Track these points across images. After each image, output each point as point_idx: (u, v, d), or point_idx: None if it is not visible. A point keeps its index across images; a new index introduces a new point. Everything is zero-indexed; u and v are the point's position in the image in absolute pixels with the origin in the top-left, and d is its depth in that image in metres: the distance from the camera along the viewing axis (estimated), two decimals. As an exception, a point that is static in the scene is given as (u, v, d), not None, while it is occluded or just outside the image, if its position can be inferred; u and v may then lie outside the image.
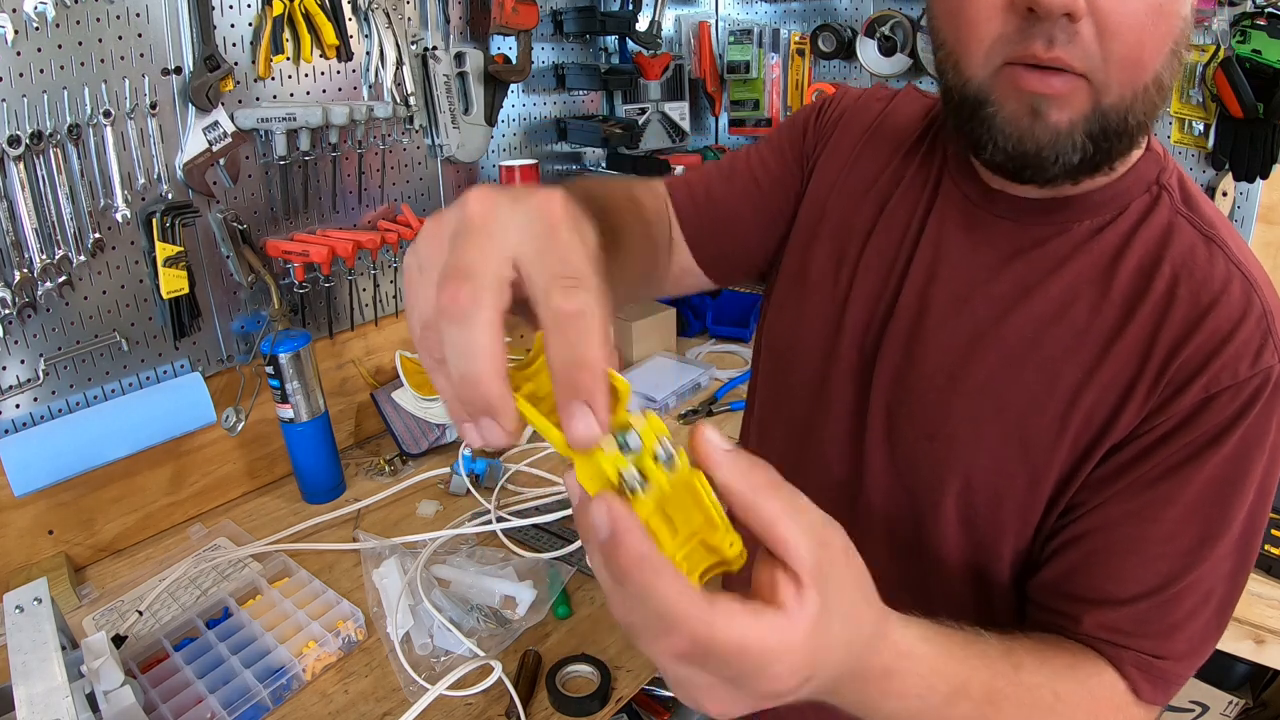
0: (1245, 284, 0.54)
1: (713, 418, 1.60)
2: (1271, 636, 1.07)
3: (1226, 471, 0.54)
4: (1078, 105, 0.50)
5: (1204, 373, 0.53)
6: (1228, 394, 0.52)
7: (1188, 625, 0.56)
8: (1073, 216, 0.58)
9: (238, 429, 1.28)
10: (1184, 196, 0.58)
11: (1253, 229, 1.49)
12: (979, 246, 0.61)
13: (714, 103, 2.02)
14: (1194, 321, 0.54)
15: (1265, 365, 0.52)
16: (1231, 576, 0.57)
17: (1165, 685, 0.57)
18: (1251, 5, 1.34)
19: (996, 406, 0.59)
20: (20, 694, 0.73)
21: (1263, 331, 0.53)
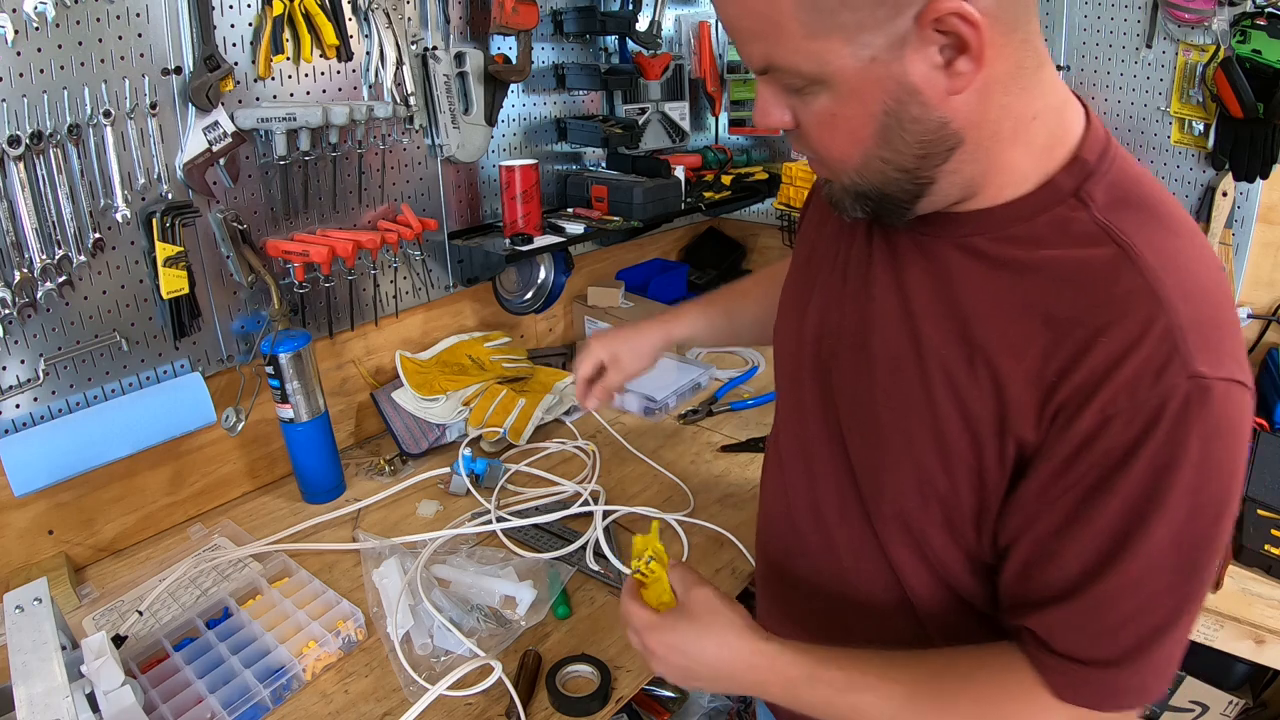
0: (1152, 297, 0.54)
1: (713, 417, 1.60)
2: (1271, 636, 1.07)
3: (1140, 491, 0.55)
4: (835, 181, 0.64)
5: (1098, 395, 0.54)
6: (1124, 416, 0.54)
7: (1119, 634, 0.58)
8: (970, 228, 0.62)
9: (238, 429, 1.28)
10: (1109, 205, 0.58)
11: (1252, 229, 1.49)
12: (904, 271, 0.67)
13: (714, 103, 2.02)
14: (1087, 343, 0.55)
15: (1168, 385, 0.53)
16: (1171, 594, 0.57)
17: (1090, 689, 0.60)
18: (1251, 5, 1.34)
19: (917, 421, 0.64)
20: (20, 694, 0.73)
21: (1166, 351, 0.53)
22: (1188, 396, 0.52)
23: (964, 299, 0.62)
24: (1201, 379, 0.53)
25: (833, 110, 0.57)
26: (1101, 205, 0.58)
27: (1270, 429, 1.38)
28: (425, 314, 1.61)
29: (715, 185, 1.86)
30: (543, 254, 1.71)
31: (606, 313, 1.85)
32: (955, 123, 0.56)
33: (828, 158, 0.61)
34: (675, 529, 1.23)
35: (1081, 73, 1.58)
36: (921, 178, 0.59)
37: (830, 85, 0.55)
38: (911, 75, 0.53)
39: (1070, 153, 0.60)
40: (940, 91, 0.54)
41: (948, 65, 0.53)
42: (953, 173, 0.59)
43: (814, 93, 0.56)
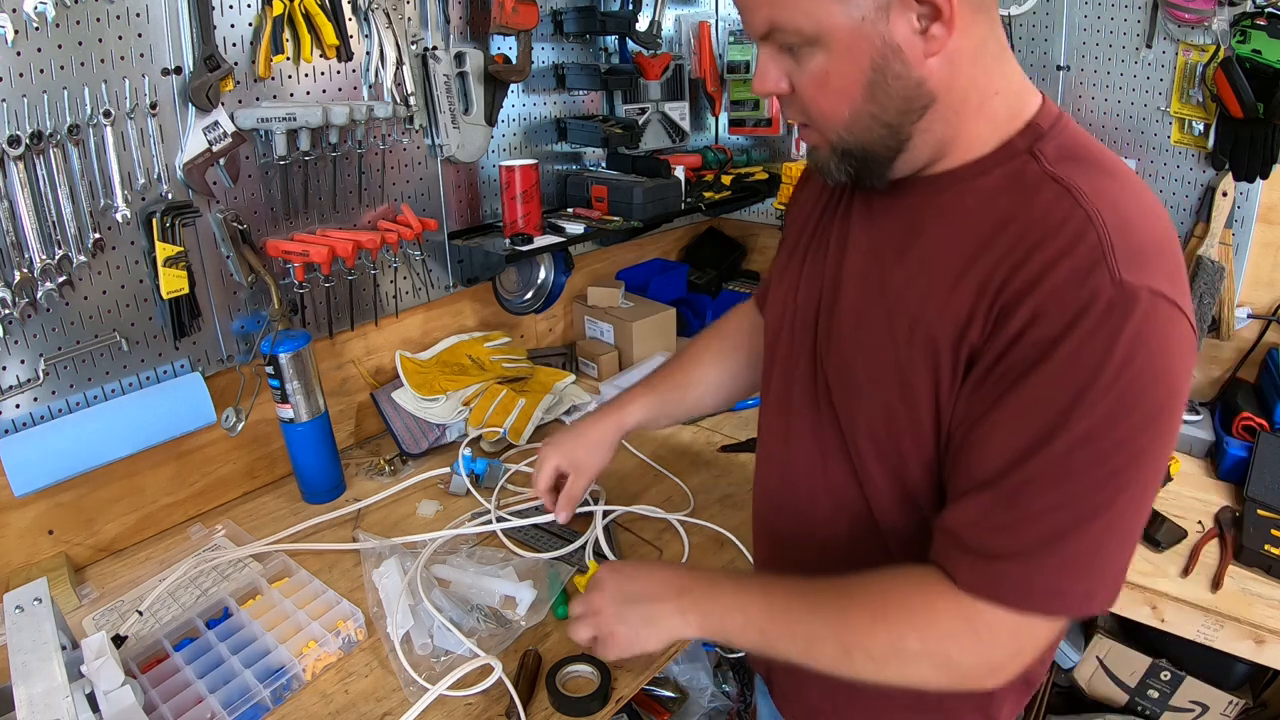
0: (1084, 218, 0.60)
1: (713, 417, 1.60)
2: (1271, 636, 1.07)
3: (1054, 381, 0.59)
4: (822, 144, 0.71)
5: (1031, 296, 0.60)
6: (1053, 314, 0.59)
7: (1029, 528, 0.61)
8: (934, 191, 0.70)
9: (238, 429, 1.28)
10: (1058, 158, 0.65)
11: (1252, 229, 1.49)
12: (874, 224, 0.75)
13: (714, 103, 2.02)
14: (1025, 254, 0.61)
15: (1093, 286, 0.58)
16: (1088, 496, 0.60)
17: (996, 582, 0.63)
18: (1251, 5, 1.34)
19: (880, 358, 0.70)
20: (20, 694, 0.73)
21: (1093, 259, 0.58)
22: (1112, 299, 0.57)
23: (927, 244, 0.69)
24: (1126, 285, 0.57)
25: (826, 68, 0.64)
26: (1051, 159, 0.65)
27: (1270, 429, 1.38)
28: (425, 314, 1.61)
29: (715, 185, 1.86)
30: (543, 254, 1.71)
31: (606, 312, 1.85)
32: (930, 82, 0.64)
33: (820, 114, 0.68)
34: (676, 528, 1.23)
35: (1081, 73, 1.57)
36: (902, 134, 0.66)
37: (825, 44, 0.63)
38: (895, 35, 0.61)
39: (1025, 122, 0.68)
40: (918, 53, 0.62)
41: (924, 31, 0.61)
42: (926, 131, 0.67)
43: (810, 54, 0.64)
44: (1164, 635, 1.17)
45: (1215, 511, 1.31)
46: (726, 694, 1.62)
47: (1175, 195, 1.53)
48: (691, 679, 1.59)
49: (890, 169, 0.70)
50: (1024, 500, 0.62)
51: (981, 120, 0.67)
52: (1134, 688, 1.43)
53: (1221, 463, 1.40)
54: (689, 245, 2.26)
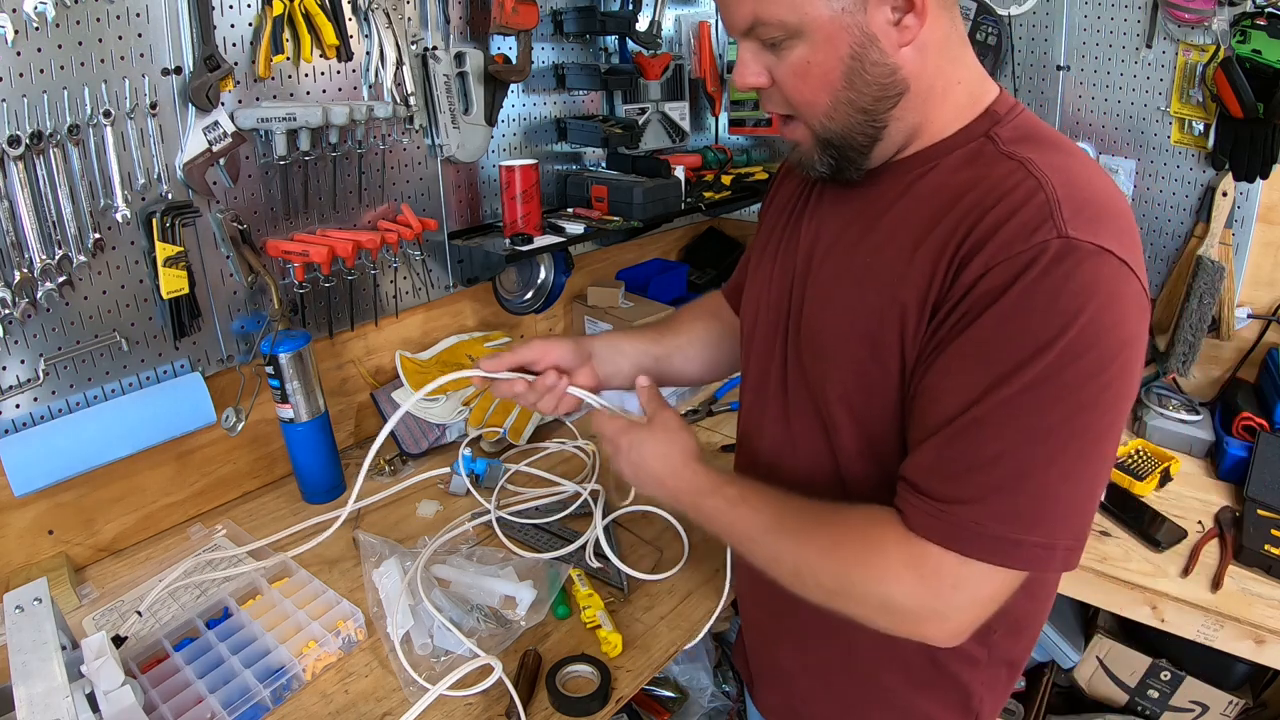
0: (1034, 184, 0.64)
1: (713, 417, 1.60)
2: (1271, 636, 1.07)
3: (1005, 323, 0.61)
4: (804, 136, 0.74)
5: (983, 251, 0.63)
6: (1002, 266, 0.62)
7: (977, 474, 0.63)
8: (896, 176, 0.74)
9: (238, 429, 1.28)
10: (1013, 140, 0.69)
11: (1252, 229, 1.49)
12: (841, 214, 0.79)
13: (714, 103, 2.02)
14: (979, 215, 0.65)
15: (1040, 239, 0.61)
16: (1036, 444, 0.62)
17: (943, 525, 0.64)
18: (1251, 5, 1.34)
19: (849, 319, 0.74)
20: (20, 694, 0.73)
21: (1041, 216, 0.62)
22: (1058, 251, 0.60)
23: (892, 218, 0.72)
24: (1073, 239, 0.61)
25: (808, 58, 0.67)
26: (1005, 140, 0.69)
27: (1270, 429, 1.38)
28: (425, 314, 1.61)
29: (715, 185, 1.86)
30: (543, 254, 1.71)
31: (606, 313, 1.85)
32: (903, 70, 0.68)
33: (803, 103, 0.71)
34: (676, 528, 1.23)
35: (1081, 73, 1.58)
36: (878, 121, 0.70)
37: (807, 34, 0.66)
38: (872, 25, 0.65)
39: (984, 108, 0.72)
40: (893, 42, 0.66)
41: (898, 23, 0.66)
42: (899, 119, 0.71)
43: (791, 46, 0.68)
44: (1164, 635, 1.17)
45: (1215, 511, 1.31)
46: (726, 694, 1.62)
47: (1175, 195, 1.53)
48: (691, 679, 1.59)
49: (868, 158, 0.74)
50: (974, 444, 0.63)
51: (946, 107, 0.71)
52: (1134, 688, 1.44)
53: (1221, 463, 1.40)
54: (689, 245, 2.26)
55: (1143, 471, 1.38)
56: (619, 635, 1.00)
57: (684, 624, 1.06)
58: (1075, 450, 0.62)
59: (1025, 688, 1.56)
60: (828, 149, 0.73)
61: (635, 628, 1.04)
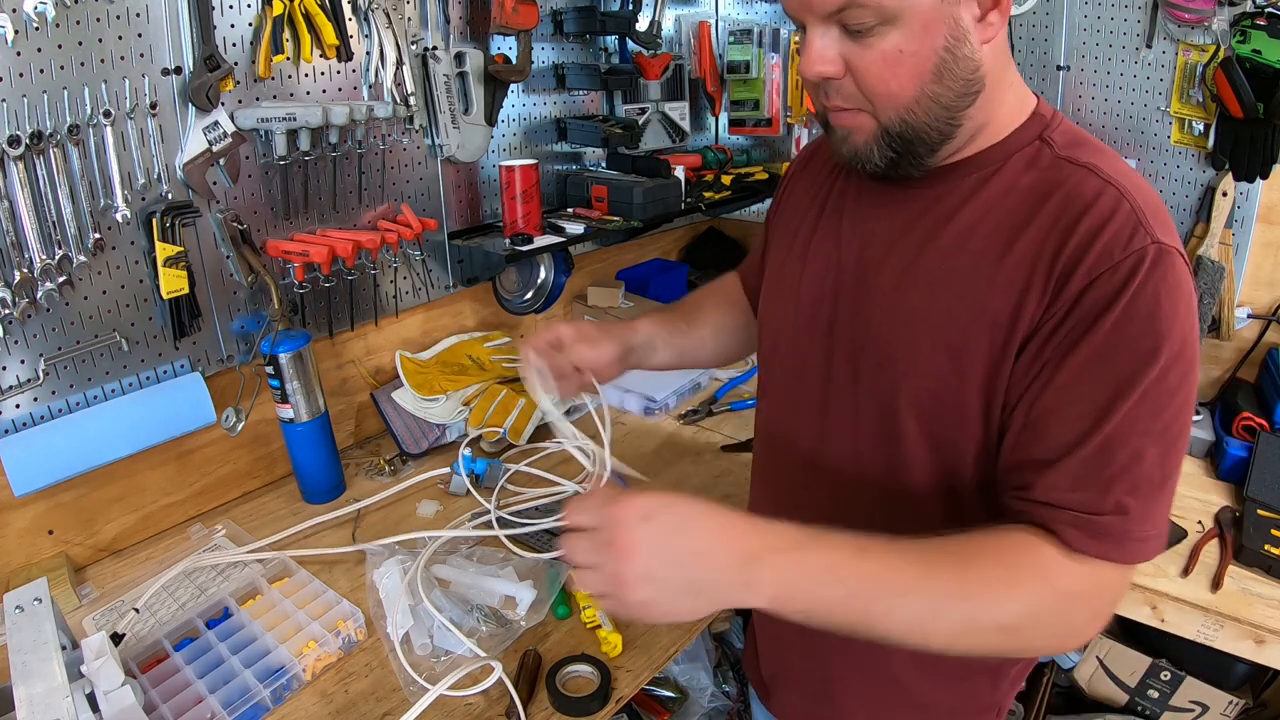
0: (1115, 192, 0.65)
1: (713, 417, 1.60)
2: (1271, 636, 1.07)
3: (1119, 332, 0.62)
4: (867, 129, 0.70)
5: (1084, 261, 0.63)
6: (1106, 275, 0.63)
7: (1123, 479, 0.63)
8: (957, 177, 0.73)
9: (238, 429, 1.28)
10: (1067, 144, 0.70)
11: (1252, 229, 1.49)
12: (894, 214, 0.77)
13: (714, 103, 2.02)
14: (1070, 225, 0.65)
15: (1137, 246, 0.62)
16: (1157, 442, 0.63)
17: (1107, 538, 0.64)
18: (1251, 5, 1.34)
19: (924, 327, 0.72)
20: (20, 694, 0.73)
21: (1132, 224, 0.63)
22: (1156, 256, 0.62)
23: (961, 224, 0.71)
24: (1162, 244, 0.63)
25: (901, 46, 0.64)
26: (1060, 145, 0.70)
27: (1270, 429, 1.38)
28: (425, 314, 1.61)
29: (715, 185, 1.86)
30: (543, 254, 1.71)
31: (606, 313, 1.85)
32: (984, 68, 0.67)
33: (886, 94, 0.67)
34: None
35: (1081, 73, 1.57)
36: (955, 119, 0.69)
37: (904, 21, 0.63)
38: (964, 18, 0.64)
39: (1031, 112, 0.73)
40: (978, 38, 0.66)
41: (983, 18, 0.65)
42: (971, 118, 0.70)
43: (882, 33, 0.64)
44: (1164, 635, 1.17)
45: (1215, 511, 1.31)
46: (726, 694, 1.62)
47: (1175, 195, 1.53)
48: (691, 679, 1.59)
49: (935, 155, 0.71)
50: (1114, 455, 0.63)
51: (1003, 108, 0.71)
52: (1134, 688, 1.44)
53: (1221, 463, 1.40)
54: (689, 245, 2.26)
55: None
56: (619, 635, 1.00)
57: (684, 624, 1.06)
58: (1182, 441, 0.66)
59: (1025, 688, 1.56)
60: (894, 142, 0.70)
61: (635, 628, 1.04)
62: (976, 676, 0.86)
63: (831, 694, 0.91)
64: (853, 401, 0.79)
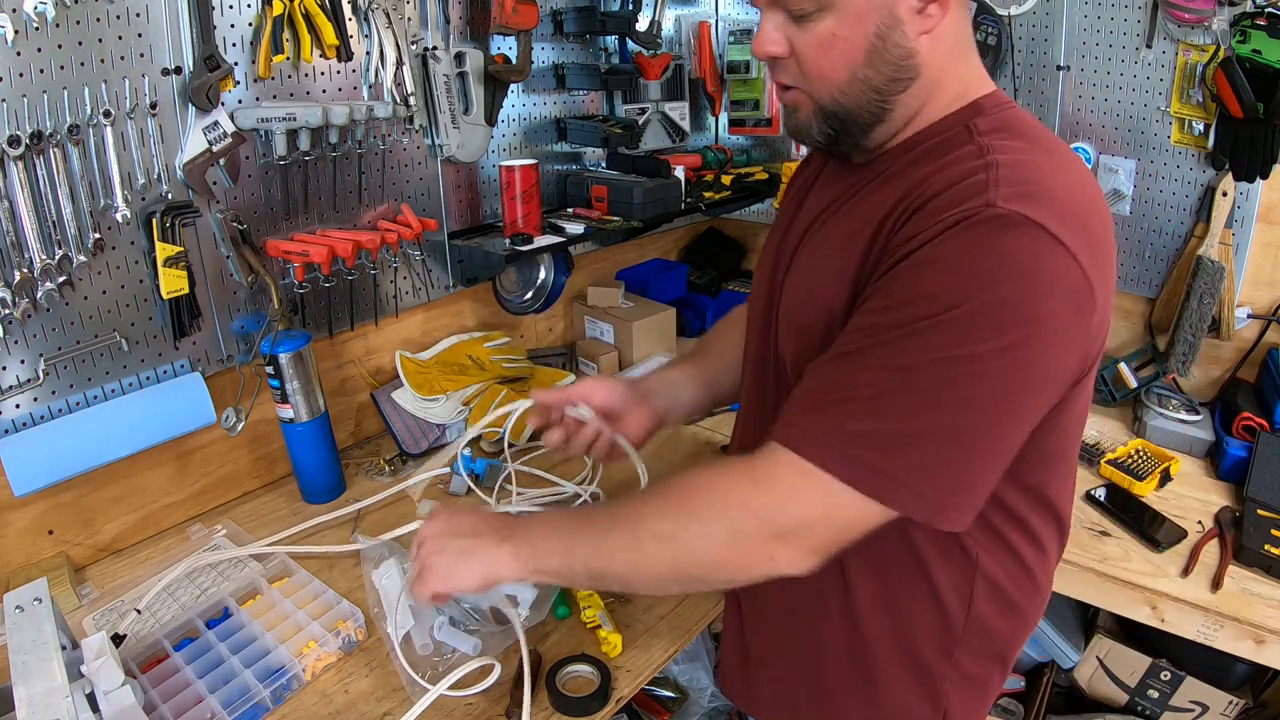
0: (983, 165, 0.65)
1: (713, 417, 1.60)
2: (1271, 636, 1.07)
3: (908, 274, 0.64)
4: (806, 106, 0.76)
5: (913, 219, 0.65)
6: (929, 228, 0.63)
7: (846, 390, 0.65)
8: (885, 161, 0.76)
9: (238, 429, 1.28)
10: (990, 130, 0.70)
11: (1252, 229, 1.49)
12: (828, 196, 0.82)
13: (714, 103, 2.02)
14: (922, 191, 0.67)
15: (969, 207, 0.62)
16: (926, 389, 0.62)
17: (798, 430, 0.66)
18: (1251, 5, 1.34)
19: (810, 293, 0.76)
20: (20, 694, 0.73)
21: (976, 189, 0.63)
22: (986, 218, 0.61)
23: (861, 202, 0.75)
24: (1002, 209, 0.61)
25: (834, 31, 0.70)
26: (982, 131, 0.70)
27: (1270, 429, 1.38)
28: (425, 314, 1.61)
29: (715, 185, 1.86)
30: (543, 254, 1.71)
31: (606, 312, 1.85)
32: (918, 57, 0.71)
33: (820, 75, 0.72)
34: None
35: (1081, 73, 1.57)
36: (887, 103, 0.73)
37: (838, 9, 0.69)
38: (899, 8, 0.68)
39: (969, 102, 0.74)
40: (914, 29, 0.69)
41: (921, 10, 0.69)
42: (903, 104, 0.73)
43: (819, 18, 0.70)
44: (1164, 635, 1.17)
45: (1215, 511, 1.31)
46: (726, 694, 1.62)
47: (1175, 195, 1.53)
48: (691, 679, 1.59)
49: (869, 135, 0.75)
50: (847, 369, 0.65)
51: (943, 98, 0.74)
52: (1134, 688, 1.44)
53: (1221, 463, 1.40)
54: (689, 245, 2.26)
55: (1143, 471, 1.38)
56: (619, 635, 1.00)
57: (684, 624, 1.06)
58: (948, 402, 0.62)
59: (1025, 688, 1.56)
60: (829, 120, 0.75)
61: (635, 628, 1.04)
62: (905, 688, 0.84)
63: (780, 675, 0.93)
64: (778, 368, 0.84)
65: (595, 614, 1.04)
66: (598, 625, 1.02)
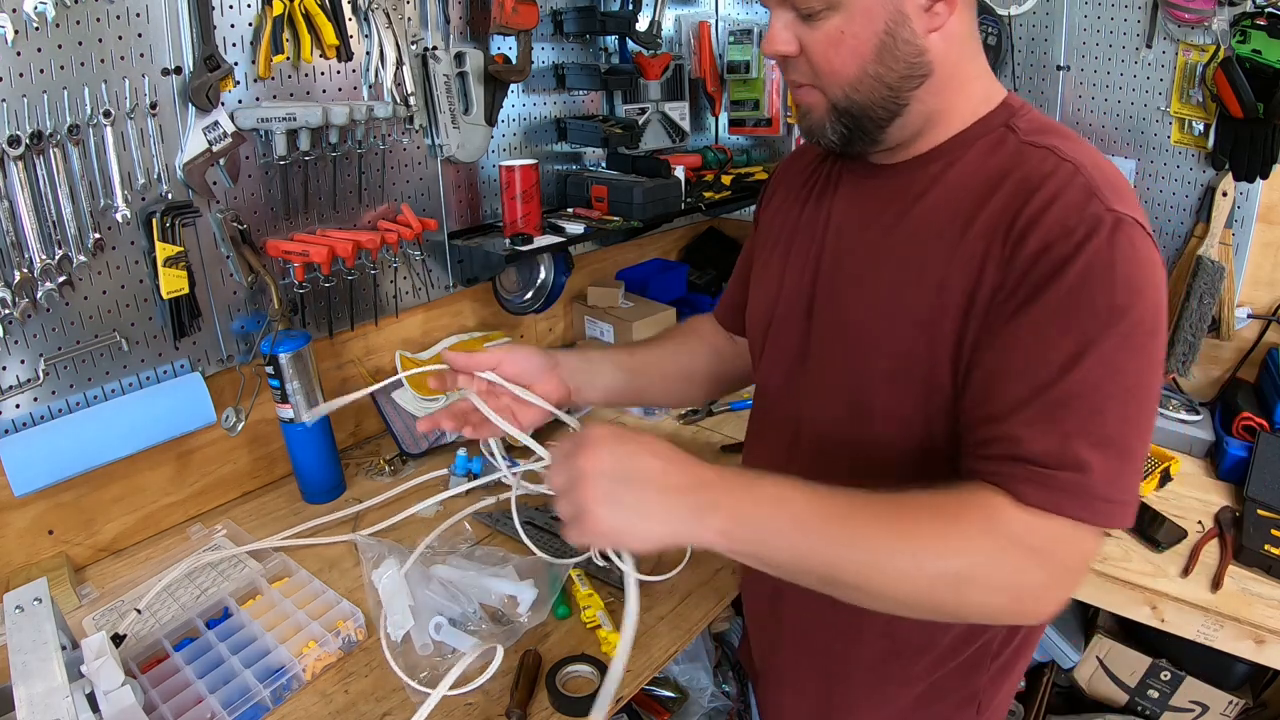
0: (1071, 167, 0.68)
1: (713, 417, 1.60)
2: (1271, 636, 1.07)
3: (1077, 292, 0.64)
4: (820, 105, 0.76)
5: (1038, 226, 0.66)
6: (1060, 241, 0.65)
7: (1082, 435, 0.63)
8: (923, 165, 0.77)
9: (238, 429, 1.28)
10: (1031, 130, 0.73)
11: (1252, 229, 1.49)
12: (865, 202, 0.81)
13: (714, 103, 2.02)
14: (1025, 197, 0.68)
15: (1092, 214, 0.65)
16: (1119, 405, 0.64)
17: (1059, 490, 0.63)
18: (1251, 5, 1.34)
19: (894, 304, 0.75)
20: (20, 694, 0.73)
21: (1087, 194, 0.66)
22: (1114, 222, 0.65)
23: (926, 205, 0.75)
24: (1117, 212, 0.65)
25: (843, 29, 0.70)
26: (1024, 131, 0.73)
27: (1270, 429, 1.38)
28: (425, 314, 1.61)
29: (715, 185, 1.86)
30: (543, 254, 1.71)
31: (606, 312, 1.85)
32: (930, 54, 0.71)
33: (830, 72, 0.73)
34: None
35: (1081, 73, 1.57)
36: (900, 99, 0.73)
37: (845, 7, 0.69)
38: (905, 5, 0.69)
39: (998, 103, 0.76)
40: (923, 26, 0.70)
41: (929, 8, 0.69)
42: (920, 101, 0.73)
43: (827, 16, 0.70)
44: (1164, 635, 1.17)
45: (1215, 511, 1.31)
46: (726, 694, 1.62)
47: (1175, 195, 1.53)
48: (691, 679, 1.59)
49: (884, 133, 0.76)
50: (1072, 410, 0.64)
51: (964, 99, 0.75)
52: (1134, 688, 1.44)
53: (1221, 463, 1.40)
54: (689, 245, 2.26)
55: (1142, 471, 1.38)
56: (619, 635, 1.00)
57: (684, 624, 1.06)
58: (1148, 408, 0.66)
59: (1025, 688, 1.56)
60: (842, 118, 0.75)
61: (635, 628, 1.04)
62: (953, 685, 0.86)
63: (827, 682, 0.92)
64: (828, 382, 0.82)
65: (595, 614, 1.04)
66: (598, 625, 1.02)
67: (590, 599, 1.06)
